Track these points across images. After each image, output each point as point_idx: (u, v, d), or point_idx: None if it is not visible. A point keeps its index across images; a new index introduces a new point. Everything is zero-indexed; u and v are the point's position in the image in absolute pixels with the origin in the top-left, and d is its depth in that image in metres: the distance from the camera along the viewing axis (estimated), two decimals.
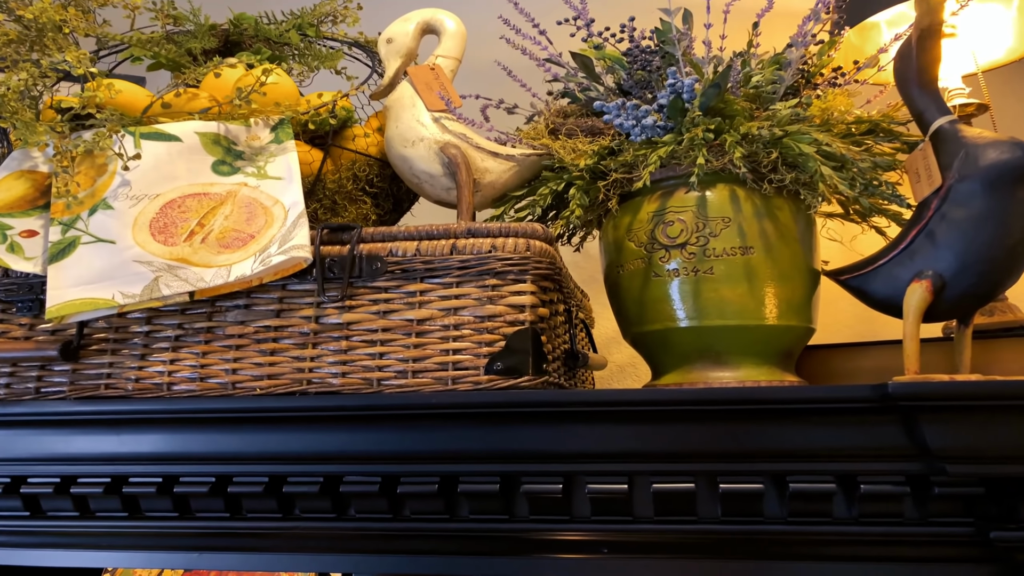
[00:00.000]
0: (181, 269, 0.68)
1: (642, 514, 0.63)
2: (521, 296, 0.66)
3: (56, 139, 0.73)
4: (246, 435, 0.67)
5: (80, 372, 0.71)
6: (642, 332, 0.77)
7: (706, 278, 0.72)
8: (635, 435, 0.62)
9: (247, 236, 0.70)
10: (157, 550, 0.71)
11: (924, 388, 0.54)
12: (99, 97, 0.73)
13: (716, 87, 0.72)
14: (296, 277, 0.69)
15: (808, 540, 0.61)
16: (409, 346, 0.66)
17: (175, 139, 0.75)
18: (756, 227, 0.72)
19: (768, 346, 0.73)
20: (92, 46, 1.04)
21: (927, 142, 0.70)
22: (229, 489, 0.68)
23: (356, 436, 0.65)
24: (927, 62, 0.71)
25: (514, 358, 0.64)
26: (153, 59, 0.93)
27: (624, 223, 0.77)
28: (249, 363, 0.68)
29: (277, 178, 0.74)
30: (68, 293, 0.67)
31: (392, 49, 0.85)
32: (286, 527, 0.68)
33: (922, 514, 0.59)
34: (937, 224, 0.67)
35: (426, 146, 0.79)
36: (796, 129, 0.71)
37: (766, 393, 0.61)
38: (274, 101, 0.79)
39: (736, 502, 0.61)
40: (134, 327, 0.71)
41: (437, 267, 0.67)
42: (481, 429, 0.63)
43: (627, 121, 0.74)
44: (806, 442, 0.60)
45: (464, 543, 0.66)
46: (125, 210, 0.71)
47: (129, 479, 0.69)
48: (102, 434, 0.69)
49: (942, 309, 0.67)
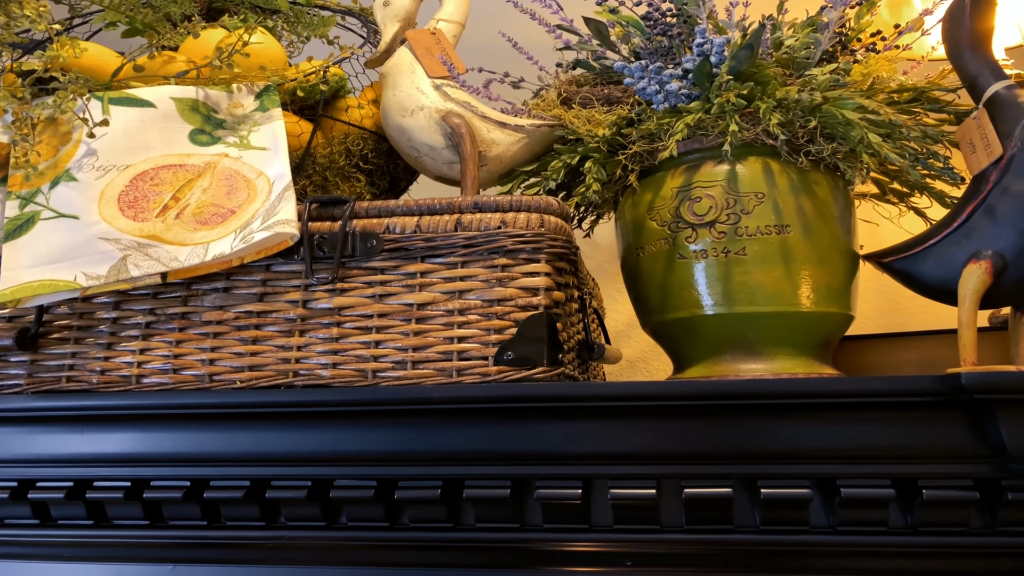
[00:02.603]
0: (152, 247, 0.61)
1: (671, 522, 0.57)
2: (535, 278, 0.59)
3: (15, 105, 0.66)
4: (225, 433, 0.61)
5: (39, 363, 0.64)
6: (664, 320, 0.70)
7: (737, 260, 0.65)
8: (664, 433, 0.56)
9: (227, 211, 0.62)
10: (126, 562, 0.65)
11: (1003, 379, 0.48)
12: (63, 58, 0.65)
13: (749, 48, 0.65)
14: (281, 256, 0.62)
15: (860, 552, 0.55)
16: (408, 333, 0.59)
17: (148, 105, 0.67)
18: (793, 203, 0.66)
19: (805, 335, 0.67)
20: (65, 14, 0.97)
21: (982, 109, 0.64)
22: (206, 494, 0.62)
23: (348, 435, 0.59)
24: (981, 22, 0.65)
25: (527, 347, 0.57)
26: (128, 25, 0.85)
27: (645, 201, 0.70)
28: (228, 353, 0.62)
29: (261, 148, 0.67)
30: (25, 274, 0.60)
31: (389, 12, 0.78)
32: (270, 537, 0.63)
33: (990, 523, 0.54)
34: (997, 198, 0.61)
35: (426, 115, 0.71)
36: (837, 95, 0.65)
37: (811, 385, 0.55)
38: (259, 65, 0.72)
39: (778, 509, 0.55)
40: (100, 313, 0.64)
41: (440, 245, 0.60)
42: (489, 427, 0.57)
43: (650, 86, 0.67)
44: (858, 441, 0.54)
45: (470, 555, 0.60)
46: (90, 182, 0.64)
47: (94, 483, 0.63)
48: (64, 433, 0.63)
49: (1002, 293, 0.62)
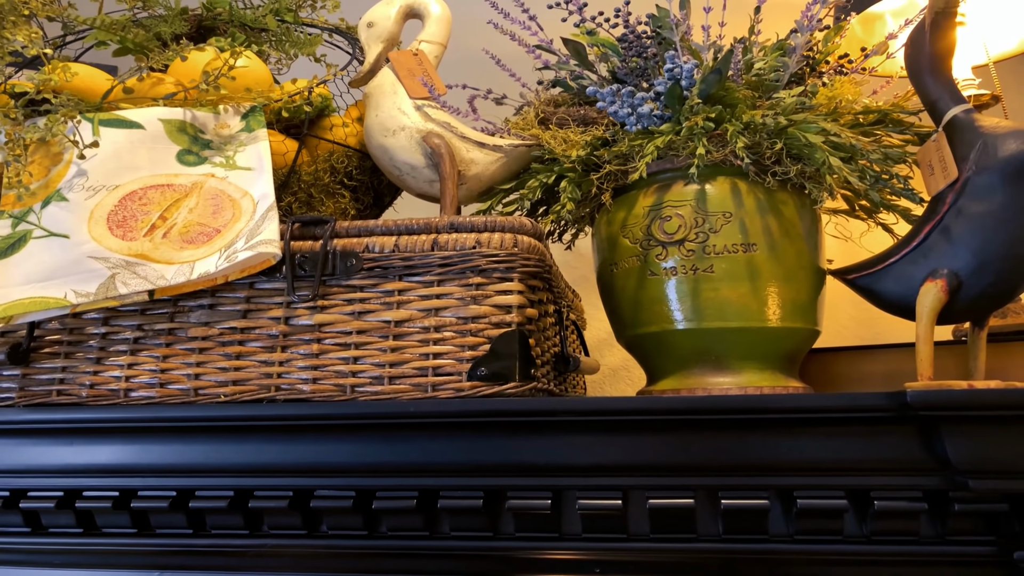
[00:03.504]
0: (140, 266, 0.63)
1: (638, 531, 0.59)
2: (508, 296, 0.61)
3: (8, 126, 0.68)
4: (209, 445, 0.62)
5: (30, 377, 0.66)
6: (637, 335, 0.72)
7: (706, 277, 0.67)
8: (630, 446, 0.58)
9: (212, 231, 0.64)
10: (114, 568, 0.67)
11: (946, 396, 0.50)
12: (55, 80, 0.68)
13: (717, 73, 0.67)
14: (264, 275, 0.64)
15: (817, 560, 0.57)
16: (386, 350, 0.61)
17: (137, 126, 0.69)
18: (759, 223, 0.68)
19: (771, 349, 0.69)
20: (58, 32, 0.98)
21: (941, 133, 0.66)
22: (191, 504, 0.63)
23: (328, 447, 0.61)
24: (941, 48, 0.67)
25: (499, 363, 0.59)
26: (120, 44, 0.87)
27: (618, 218, 0.72)
28: (213, 368, 0.63)
29: (247, 168, 0.69)
30: (17, 291, 0.62)
31: (373, 33, 0.80)
32: (253, 544, 0.64)
33: (940, 532, 0.56)
34: (953, 219, 0.63)
35: (407, 136, 0.74)
36: (802, 118, 0.67)
37: (772, 401, 0.57)
38: (245, 87, 0.74)
39: (739, 519, 0.57)
40: (90, 328, 0.66)
41: (417, 264, 0.62)
42: (463, 440, 0.59)
43: (622, 109, 0.69)
44: (815, 454, 0.56)
45: (445, 562, 0.62)
46: (81, 202, 0.65)
47: (83, 493, 0.65)
48: (54, 444, 0.64)
49: (957, 310, 0.64)
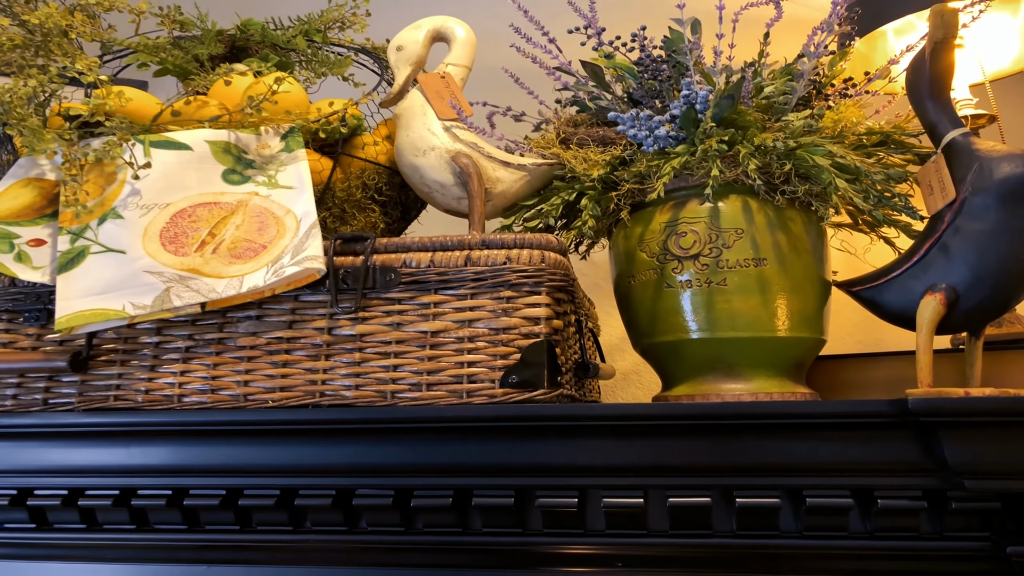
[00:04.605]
0: (192, 280, 0.67)
1: (657, 528, 0.63)
2: (536, 308, 0.66)
3: (64, 147, 0.72)
4: (258, 447, 0.66)
5: (89, 383, 0.70)
6: (653, 343, 0.76)
7: (719, 289, 0.72)
8: (650, 449, 0.62)
9: (259, 246, 0.69)
10: (165, 563, 0.70)
11: (944, 403, 0.54)
12: (109, 105, 0.72)
13: (730, 98, 0.71)
14: (309, 288, 0.68)
15: (824, 554, 0.61)
16: (423, 358, 0.66)
17: (185, 147, 0.74)
18: (769, 239, 0.72)
19: (780, 357, 0.73)
20: (96, 51, 1.03)
21: (940, 155, 0.70)
22: (240, 502, 0.67)
23: (369, 449, 0.65)
24: (940, 75, 0.71)
25: (529, 371, 0.64)
26: (159, 64, 0.92)
27: (636, 233, 0.77)
28: (261, 375, 0.67)
29: (288, 187, 0.73)
30: (78, 304, 0.66)
31: (402, 57, 0.84)
32: (296, 540, 0.68)
33: (938, 529, 0.60)
34: (951, 237, 0.67)
35: (437, 155, 0.78)
36: (810, 141, 0.71)
37: (782, 407, 0.61)
38: (285, 109, 0.78)
39: (752, 516, 0.61)
40: (143, 338, 0.70)
41: (451, 278, 0.66)
42: (496, 443, 0.63)
43: (640, 132, 0.73)
44: (822, 457, 0.60)
45: (477, 557, 0.66)
46: (135, 219, 0.70)
47: (138, 491, 0.69)
48: (111, 446, 0.68)
49: (955, 321, 0.68)
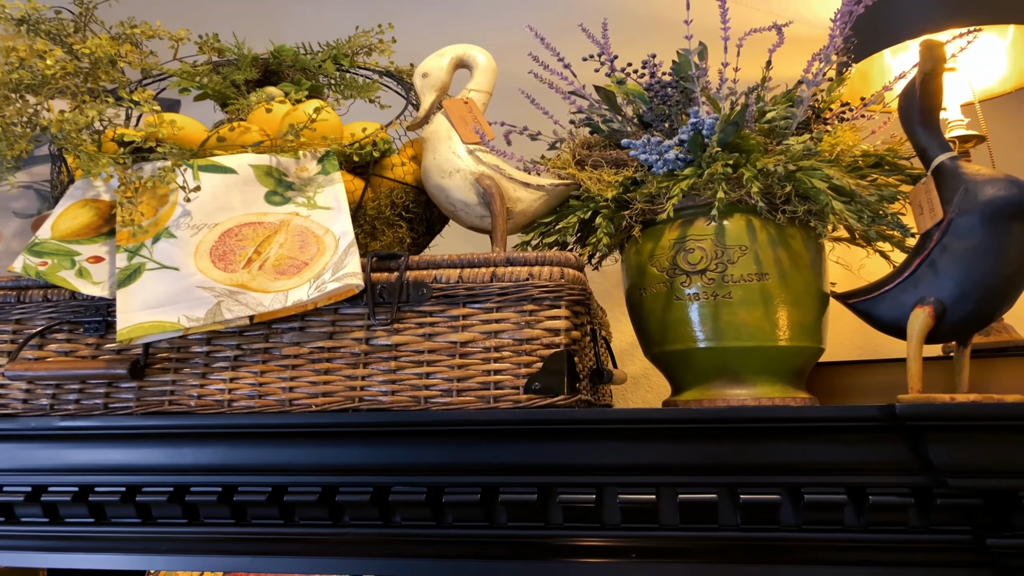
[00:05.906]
0: (241, 294, 0.73)
1: (668, 522, 0.68)
2: (556, 321, 0.71)
3: (119, 170, 0.79)
4: (301, 448, 0.72)
5: (145, 389, 0.76)
6: (663, 351, 0.82)
7: (724, 302, 0.77)
8: (662, 450, 0.67)
9: (301, 263, 0.75)
10: (213, 554, 0.76)
11: (929, 409, 0.60)
12: (161, 132, 0.78)
13: (735, 124, 0.77)
14: (348, 302, 0.74)
15: (821, 546, 0.66)
16: (453, 367, 0.72)
17: (231, 171, 0.80)
18: (771, 255, 0.77)
19: (781, 365, 0.79)
20: (136, 74, 1.09)
21: (929, 177, 0.76)
22: (284, 498, 0.73)
23: (404, 450, 0.70)
24: (929, 103, 0.76)
25: (550, 378, 0.70)
26: (199, 89, 0.98)
27: (647, 249, 0.82)
28: (304, 381, 0.73)
29: (326, 208, 0.79)
30: (137, 316, 0.72)
31: (427, 83, 0.90)
32: (335, 533, 0.73)
33: (925, 523, 0.65)
34: (939, 255, 0.72)
35: (462, 177, 0.84)
36: (809, 164, 0.77)
37: (783, 412, 0.66)
38: (321, 135, 0.84)
39: (755, 511, 0.66)
40: (195, 347, 0.76)
41: (478, 293, 0.72)
42: (521, 444, 0.68)
43: (651, 156, 0.79)
44: (819, 457, 0.65)
45: (502, 548, 0.71)
46: (187, 239, 0.76)
47: (191, 489, 0.74)
48: (166, 447, 0.74)
49: (943, 332, 0.73)
